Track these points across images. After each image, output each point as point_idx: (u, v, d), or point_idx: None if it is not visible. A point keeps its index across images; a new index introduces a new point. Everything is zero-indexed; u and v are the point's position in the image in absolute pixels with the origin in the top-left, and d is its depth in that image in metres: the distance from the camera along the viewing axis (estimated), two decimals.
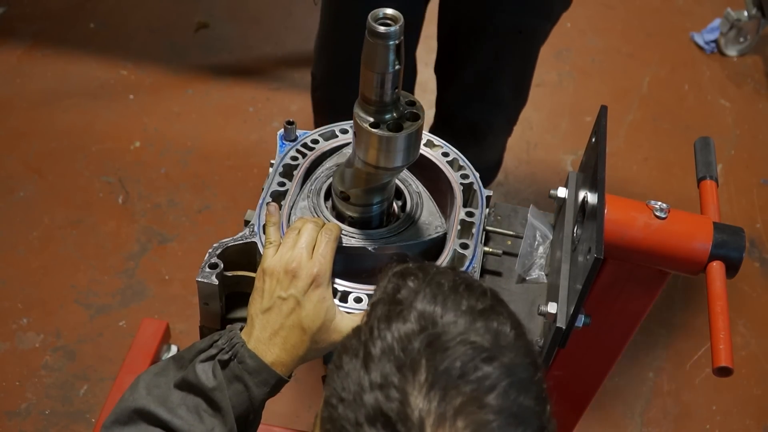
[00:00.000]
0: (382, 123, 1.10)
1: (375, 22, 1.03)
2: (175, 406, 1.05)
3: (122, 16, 3.30)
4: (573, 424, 1.70)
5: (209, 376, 1.06)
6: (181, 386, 1.07)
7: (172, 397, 1.06)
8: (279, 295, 1.09)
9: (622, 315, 1.15)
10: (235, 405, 1.05)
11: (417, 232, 1.22)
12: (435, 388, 0.74)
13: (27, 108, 2.95)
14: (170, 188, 2.73)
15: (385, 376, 0.76)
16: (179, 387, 1.07)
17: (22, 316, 2.39)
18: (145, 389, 1.07)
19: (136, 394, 1.07)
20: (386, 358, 0.77)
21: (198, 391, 1.06)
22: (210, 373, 1.06)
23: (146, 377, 1.10)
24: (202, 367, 1.06)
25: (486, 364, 0.76)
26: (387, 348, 0.78)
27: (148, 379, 1.09)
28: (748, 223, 2.79)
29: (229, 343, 1.08)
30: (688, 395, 2.40)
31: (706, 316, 1.27)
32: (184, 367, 1.10)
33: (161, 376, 1.09)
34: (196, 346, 1.10)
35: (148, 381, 1.09)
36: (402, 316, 0.80)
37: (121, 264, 2.53)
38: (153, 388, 1.08)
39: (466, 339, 0.77)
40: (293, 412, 2.24)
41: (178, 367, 1.10)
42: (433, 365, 0.75)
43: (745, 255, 1.28)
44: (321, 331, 1.10)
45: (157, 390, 1.07)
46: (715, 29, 3.37)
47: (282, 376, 1.08)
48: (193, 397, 1.06)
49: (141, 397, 1.06)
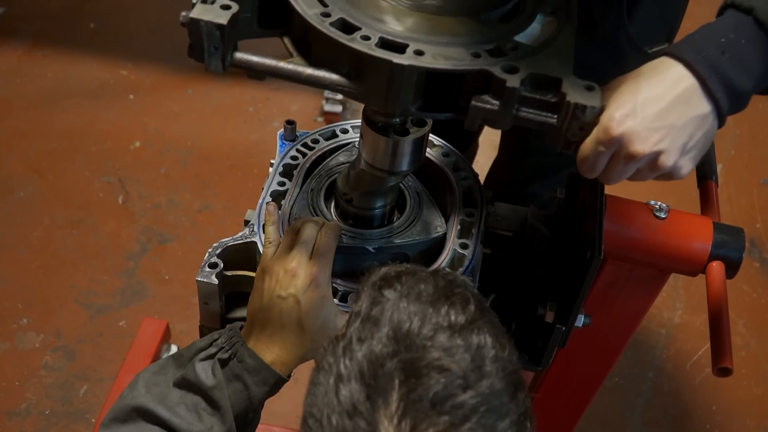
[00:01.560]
0: (388, 127, 1.10)
1: None
2: (174, 405, 1.05)
3: (122, 16, 3.30)
4: (573, 423, 1.70)
5: (208, 374, 1.06)
6: (180, 385, 1.07)
7: (171, 396, 1.06)
8: (278, 295, 1.09)
9: (622, 315, 1.15)
10: (234, 404, 1.05)
11: (417, 232, 1.22)
12: (406, 419, 0.70)
13: (27, 108, 2.95)
14: (170, 188, 2.73)
15: (355, 403, 0.72)
16: (178, 385, 1.07)
17: (22, 316, 2.39)
18: (144, 387, 1.07)
19: (135, 392, 1.07)
20: (356, 381, 0.73)
21: (197, 390, 1.06)
22: (209, 371, 1.06)
23: (145, 375, 1.09)
24: (202, 365, 1.06)
25: (462, 392, 0.71)
26: (358, 370, 0.73)
27: (148, 377, 1.09)
28: (748, 223, 2.79)
29: (228, 342, 1.08)
30: (688, 395, 2.40)
31: (706, 316, 1.27)
32: (183, 366, 1.09)
33: (160, 375, 1.09)
34: (195, 345, 1.10)
35: (147, 379, 1.09)
36: (376, 333, 0.76)
37: (121, 264, 2.53)
38: (152, 386, 1.07)
39: (441, 366, 0.72)
40: (293, 412, 2.24)
41: (178, 366, 1.10)
42: (405, 393, 0.71)
43: (745, 255, 1.28)
44: (320, 330, 1.10)
45: (157, 388, 1.07)
46: None
47: (281, 376, 1.08)
48: (192, 395, 1.06)
49: (140, 395, 1.06)
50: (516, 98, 0.87)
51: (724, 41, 0.91)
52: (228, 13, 0.88)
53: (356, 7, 0.94)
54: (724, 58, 0.90)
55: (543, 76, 0.88)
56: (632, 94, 0.90)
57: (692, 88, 0.90)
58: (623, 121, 0.89)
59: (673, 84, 0.91)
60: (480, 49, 0.90)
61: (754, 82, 0.92)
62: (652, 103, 0.90)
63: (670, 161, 0.92)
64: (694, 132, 0.91)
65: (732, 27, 0.92)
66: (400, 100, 0.88)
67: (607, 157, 0.92)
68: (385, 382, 0.72)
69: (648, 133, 0.89)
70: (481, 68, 0.87)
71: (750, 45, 0.90)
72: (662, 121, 0.90)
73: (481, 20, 0.96)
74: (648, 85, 0.90)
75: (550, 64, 0.89)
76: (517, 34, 0.95)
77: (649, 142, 0.89)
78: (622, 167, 0.92)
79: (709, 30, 0.93)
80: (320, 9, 0.93)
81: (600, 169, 0.93)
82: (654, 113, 0.89)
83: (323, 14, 0.92)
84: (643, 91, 0.90)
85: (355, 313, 0.81)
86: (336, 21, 0.92)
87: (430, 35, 0.91)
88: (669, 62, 0.92)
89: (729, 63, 0.90)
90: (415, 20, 0.94)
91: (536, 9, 1.00)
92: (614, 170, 0.93)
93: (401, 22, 0.93)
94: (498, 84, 0.87)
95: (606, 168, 0.93)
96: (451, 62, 0.87)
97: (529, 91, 0.88)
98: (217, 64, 0.89)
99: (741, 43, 0.90)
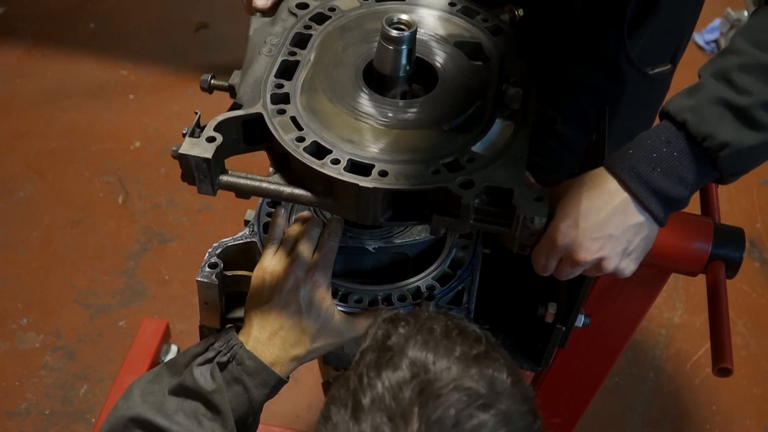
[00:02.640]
0: None
1: (389, 26, 1.04)
2: (172, 413, 1.03)
3: (122, 16, 3.30)
4: (573, 423, 1.70)
5: (208, 379, 1.04)
6: (177, 392, 1.06)
7: (168, 404, 1.04)
8: (279, 295, 1.09)
9: (622, 315, 1.15)
10: (234, 407, 1.04)
11: (417, 232, 1.22)
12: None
13: (27, 108, 2.95)
14: (170, 188, 2.73)
15: (376, 428, 0.72)
16: (175, 393, 1.06)
17: (22, 316, 2.39)
18: (139, 397, 1.05)
19: (130, 402, 1.05)
20: (377, 408, 0.73)
21: (196, 395, 1.05)
22: (208, 376, 1.05)
23: (140, 384, 1.08)
24: (200, 370, 1.05)
25: (482, 411, 0.72)
26: (377, 397, 0.74)
27: (142, 387, 1.07)
28: (748, 223, 2.79)
29: (226, 345, 1.06)
30: (688, 395, 2.40)
31: (706, 316, 1.27)
32: (178, 373, 1.08)
33: (155, 383, 1.08)
34: (190, 351, 1.09)
35: (142, 388, 1.07)
36: (393, 363, 0.77)
37: (121, 264, 2.53)
38: (148, 395, 1.06)
39: (460, 385, 0.74)
40: (293, 412, 2.24)
41: (172, 373, 1.09)
42: (425, 414, 0.72)
43: (745, 255, 1.28)
44: (320, 331, 1.09)
45: (152, 397, 1.05)
46: (716, 29, 3.37)
47: (281, 377, 1.07)
48: (190, 401, 1.05)
49: (136, 405, 1.04)
50: (472, 211, 0.97)
51: (656, 156, 0.96)
52: (213, 145, 0.99)
53: (328, 127, 1.03)
54: (656, 174, 0.96)
55: (497, 188, 0.97)
56: (574, 206, 0.98)
57: (627, 201, 0.97)
58: (567, 233, 0.97)
59: (609, 198, 0.98)
60: (439, 164, 0.99)
61: (689, 188, 0.98)
62: (592, 215, 0.97)
63: (612, 265, 1.01)
64: (633, 238, 0.99)
65: (665, 140, 0.97)
66: (369, 214, 0.99)
67: (555, 261, 1.01)
68: (406, 404, 0.73)
69: (589, 242, 0.98)
70: (440, 185, 0.96)
71: (683, 157, 0.96)
72: (601, 231, 0.97)
73: (442, 130, 1.04)
74: (588, 198, 0.98)
75: (504, 173, 0.98)
76: (475, 143, 1.03)
77: (590, 250, 0.98)
78: (569, 270, 1.02)
79: (644, 143, 0.98)
80: (296, 134, 1.02)
81: (551, 270, 1.03)
82: (593, 225, 0.97)
83: (298, 139, 1.01)
84: (583, 203, 0.98)
85: (368, 346, 0.82)
86: (309, 145, 1.01)
87: (393, 152, 1.01)
88: (606, 176, 0.99)
89: (661, 176, 0.96)
90: (379, 136, 1.03)
91: (494, 114, 1.07)
92: (563, 271, 1.03)
93: (367, 140, 1.02)
94: (455, 199, 0.96)
95: (556, 269, 1.03)
96: (412, 181, 0.97)
97: (484, 204, 0.97)
98: (207, 188, 1.02)
99: (673, 156, 0.96)
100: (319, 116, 1.05)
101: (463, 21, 1.21)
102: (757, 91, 0.94)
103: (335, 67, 1.11)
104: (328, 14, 1.20)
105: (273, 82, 1.08)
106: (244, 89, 1.10)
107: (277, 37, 1.16)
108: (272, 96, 1.06)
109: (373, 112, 1.06)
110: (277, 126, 1.03)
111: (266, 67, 1.11)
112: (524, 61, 1.15)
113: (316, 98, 1.07)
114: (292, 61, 1.12)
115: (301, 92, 1.08)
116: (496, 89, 1.10)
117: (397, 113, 1.06)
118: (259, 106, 1.05)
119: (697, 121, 0.95)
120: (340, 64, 1.12)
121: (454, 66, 1.13)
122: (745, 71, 0.95)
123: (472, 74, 1.13)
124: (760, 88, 0.94)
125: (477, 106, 1.08)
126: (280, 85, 1.08)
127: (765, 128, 0.95)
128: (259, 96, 1.07)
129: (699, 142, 0.95)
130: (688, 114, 0.96)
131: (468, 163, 1.00)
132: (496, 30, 1.20)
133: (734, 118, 0.94)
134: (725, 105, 0.94)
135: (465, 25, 1.21)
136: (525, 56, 1.16)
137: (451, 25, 1.20)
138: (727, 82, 0.95)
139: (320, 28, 1.18)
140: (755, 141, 0.96)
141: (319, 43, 1.15)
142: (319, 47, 1.14)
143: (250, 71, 1.12)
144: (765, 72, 0.94)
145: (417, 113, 1.06)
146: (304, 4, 1.21)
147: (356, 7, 1.22)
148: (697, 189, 1.00)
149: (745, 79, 0.94)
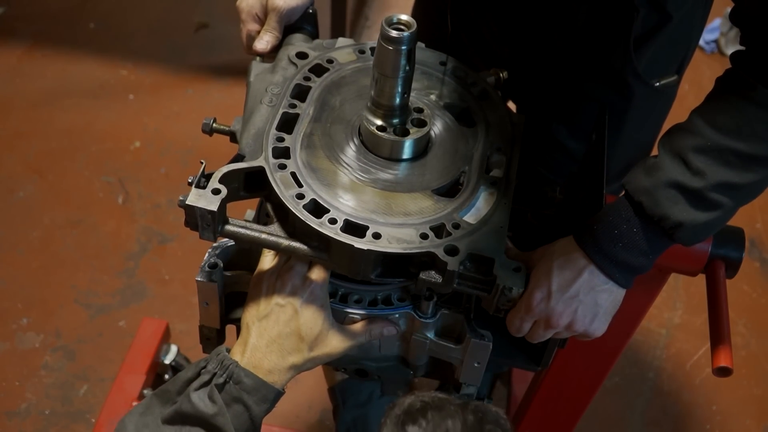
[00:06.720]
0: (389, 127, 1.13)
1: (389, 27, 1.04)
2: None
3: (122, 16, 3.30)
4: (573, 423, 1.70)
5: (207, 402, 1.03)
6: (172, 420, 1.04)
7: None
8: (277, 302, 1.09)
9: (622, 315, 1.15)
10: (236, 427, 1.03)
11: None
12: None
13: (27, 108, 2.95)
14: (170, 188, 2.73)
15: None
16: (170, 421, 1.04)
17: (22, 316, 2.39)
18: (134, 431, 1.04)
19: None
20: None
21: (196, 421, 1.03)
22: (207, 399, 1.03)
23: (132, 419, 1.06)
24: (198, 395, 1.03)
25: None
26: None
27: (135, 420, 1.05)
28: (748, 223, 2.79)
29: (221, 366, 1.05)
30: (688, 395, 2.40)
31: (706, 316, 1.27)
32: (170, 401, 1.06)
33: (147, 415, 1.06)
34: (180, 377, 1.07)
35: (135, 422, 1.05)
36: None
37: (121, 264, 2.53)
38: (142, 428, 1.04)
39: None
40: (293, 412, 2.24)
41: (163, 402, 1.07)
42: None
43: (745, 255, 1.28)
44: (318, 339, 1.09)
45: (147, 430, 1.04)
46: (716, 29, 3.37)
47: (279, 390, 1.07)
48: (189, 428, 1.03)
49: None
50: (455, 276, 1.04)
51: (617, 233, 1.06)
52: (218, 198, 1.04)
53: (326, 186, 1.09)
54: (617, 248, 1.06)
55: (479, 256, 1.05)
56: (546, 275, 1.08)
57: (593, 272, 1.08)
58: (540, 301, 1.08)
59: (578, 271, 1.08)
60: (427, 229, 1.07)
61: (650, 257, 1.08)
62: (563, 285, 1.08)
63: (582, 328, 1.12)
64: (601, 302, 1.10)
65: (624, 218, 1.06)
66: (361, 271, 1.06)
67: (529, 325, 1.12)
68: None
69: (561, 308, 1.08)
70: (427, 250, 1.04)
71: (641, 232, 1.05)
72: (571, 299, 1.08)
73: (431, 194, 1.11)
74: (559, 267, 1.08)
75: (486, 243, 1.06)
76: (461, 210, 1.10)
77: (562, 316, 1.09)
78: (542, 333, 1.13)
79: (606, 219, 1.07)
80: (296, 190, 1.07)
81: (525, 332, 1.14)
82: (564, 293, 1.08)
83: (298, 196, 1.06)
84: (555, 275, 1.08)
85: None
86: (309, 203, 1.06)
87: (387, 214, 1.07)
88: (574, 247, 1.09)
89: (622, 251, 1.06)
90: (374, 197, 1.09)
91: (479, 181, 1.14)
92: (536, 334, 1.13)
93: (363, 201, 1.09)
94: (441, 264, 1.03)
95: (529, 332, 1.14)
96: (402, 245, 1.04)
97: (466, 270, 1.05)
98: (210, 235, 1.07)
99: (633, 231, 1.05)
100: (318, 174, 1.10)
101: (453, 82, 1.27)
102: (710, 173, 1.00)
103: (332, 124, 1.17)
104: (327, 66, 1.24)
105: (274, 135, 1.13)
106: (246, 140, 1.14)
107: (278, 86, 1.19)
108: (274, 150, 1.11)
109: (368, 172, 1.12)
110: (279, 181, 1.08)
111: (267, 118, 1.16)
112: (508, 126, 1.21)
113: (315, 155, 1.12)
114: (293, 114, 1.17)
115: (301, 147, 1.13)
116: (482, 155, 1.17)
117: (391, 175, 1.13)
118: (261, 160, 1.10)
119: (651, 204, 1.03)
120: (337, 120, 1.17)
121: (446, 130, 1.20)
122: (701, 152, 1.01)
123: (460, 139, 1.19)
124: (713, 170, 1.00)
125: (463, 171, 1.15)
126: (281, 138, 1.13)
127: (717, 208, 1.02)
128: (260, 149, 1.11)
129: (655, 222, 1.04)
130: (643, 196, 1.04)
131: (454, 229, 1.07)
132: (482, 94, 1.25)
133: (687, 201, 1.02)
134: (679, 188, 1.01)
135: (455, 87, 1.26)
136: (508, 122, 1.22)
137: (443, 85, 1.26)
138: (683, 162, 1.02)
139: (319, 80, 1.22)
140: (708, 218, 1.03)
141: (317, 96, 1.20)
142: (317, 101, 1.19)
143: (252, 121, 1.16)
144: (719, 154, 1.00)
145: (409, 176, 1.13)
146: (304, 53, 1.25)
147: (353, 60, 1.26)
148: (658, 256, 1.09)
149: (700, 160, 1.00)
